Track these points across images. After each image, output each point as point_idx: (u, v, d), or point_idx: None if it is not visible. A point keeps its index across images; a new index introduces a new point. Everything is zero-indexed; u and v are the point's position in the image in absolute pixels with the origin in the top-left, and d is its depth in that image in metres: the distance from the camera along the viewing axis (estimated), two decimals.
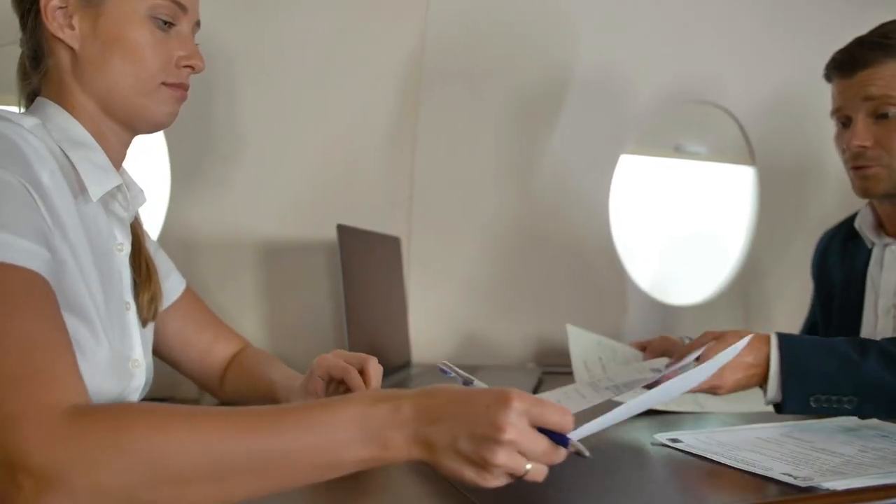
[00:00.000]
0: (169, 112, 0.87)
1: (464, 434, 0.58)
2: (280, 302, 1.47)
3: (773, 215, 1.94)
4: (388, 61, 1.53)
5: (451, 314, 1.67)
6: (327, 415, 0.58)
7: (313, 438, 0.57)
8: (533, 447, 0.58)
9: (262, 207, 1.45)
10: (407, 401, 0.59)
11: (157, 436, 0.54)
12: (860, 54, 1.14)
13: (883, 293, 1.19)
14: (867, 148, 1.14)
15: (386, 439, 0.58)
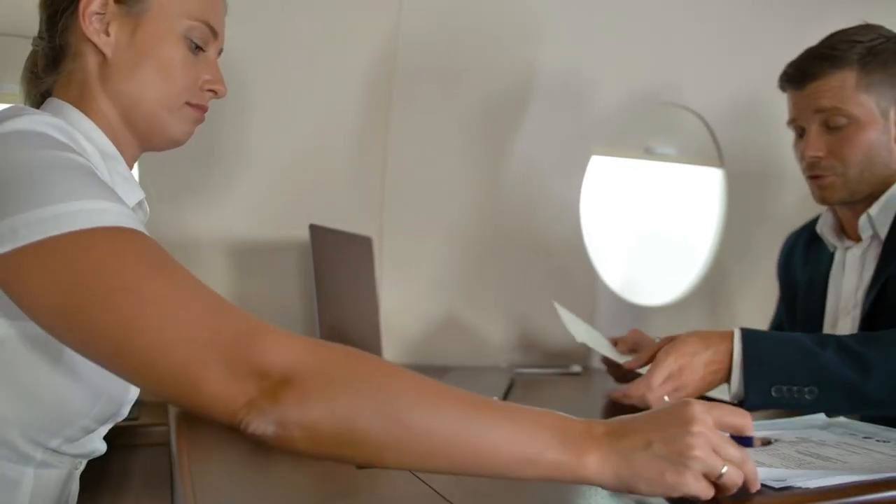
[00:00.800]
0: (187, 131, 0.88)
1: (657, 437, 0.60)
2: (250, 302, 1.45)
3: (740, 217, 1.97)
4: (360, 61, 1.52)
5: (422, 315, 1.66)
6: (532, 414, 0.61)
7: (520, 430, 0.59)
8: (722, 443, 0.60)
9: (233, 207, 1.44)
10: (599, 424, 0.62)
11: (390, 378, 0.58)
12: (809, 66, 1.17)
13: (844, 295, 1.22)
14: (821, 158, 1.17)
15: (583, 449, 0.59)
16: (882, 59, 1.14)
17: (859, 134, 1.14)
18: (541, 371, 1.57)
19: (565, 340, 1.79)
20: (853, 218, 1.21)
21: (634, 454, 0.59)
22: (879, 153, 1.15)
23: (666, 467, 0.59)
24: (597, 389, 1.47)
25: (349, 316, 1.34)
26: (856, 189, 1.17)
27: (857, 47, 1.13)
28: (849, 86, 1.13)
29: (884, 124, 1.15)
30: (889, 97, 1.15)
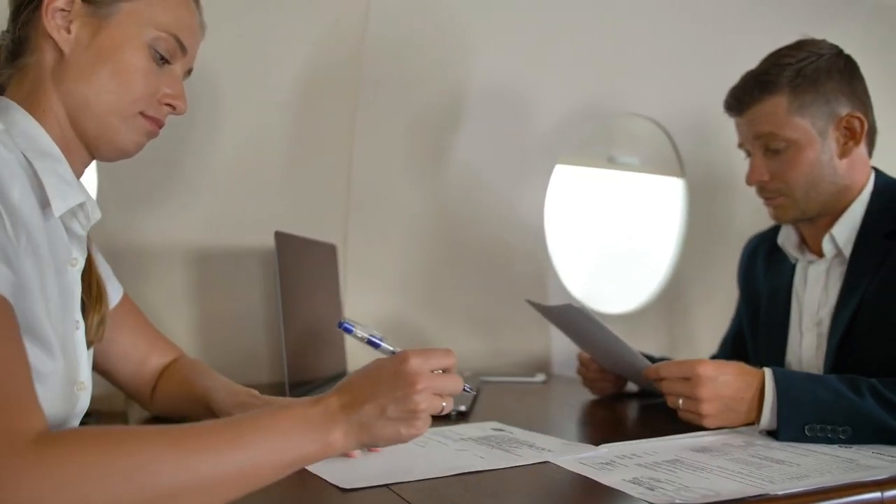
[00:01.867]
0: (137, 142, 0.85)
1: (388, 402, 0.68)
2: (212, 310, 1.43)
3: (700, 226, 2.00)
4: (325, 66, 1.51)
5: (386, 322, 1.65)
6: (277, 421, 0.64)
7: (272, 444, 0.62)
8: (441, 385, 0.71)
9: (193, 213, 1.41)
10: (333, 399, 0.68)
11: (142, 455, 0.55)
12: (742, 94, 1.20)
13: (807, 310, 1.23)
14: (766, 182, 1.20)
15: (327, 431, 0.66)
16: (812, 80, 1.14)
17: (799, 156, 1.16)
18: (505, 379, 1.58)
19: (528, 349, 1.80)
20: (815, 233, 1.22)
21: (371, 422, 0.68)
22: (823, 171, 1.16)
23: (401, 425, 0.69)
24: (560, 397, 1.47)
25: (314, 324, 1.32)
26: (806, 208, 1.19)
27: (787, 70, 1.15)
28: (781, 111, 1.15)
29: (823, 143, 1.16)
30: (824, 115, 1.15)
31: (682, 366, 1.01)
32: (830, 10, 1.92)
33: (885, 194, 1.17)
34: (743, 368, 0.99)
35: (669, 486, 0.71)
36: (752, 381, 0.97)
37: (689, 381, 0.98)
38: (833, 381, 0.95)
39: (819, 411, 0.92)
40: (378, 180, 1.61)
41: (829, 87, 1.15)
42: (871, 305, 1.10)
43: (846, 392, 0.92)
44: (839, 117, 1.16)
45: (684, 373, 0.99)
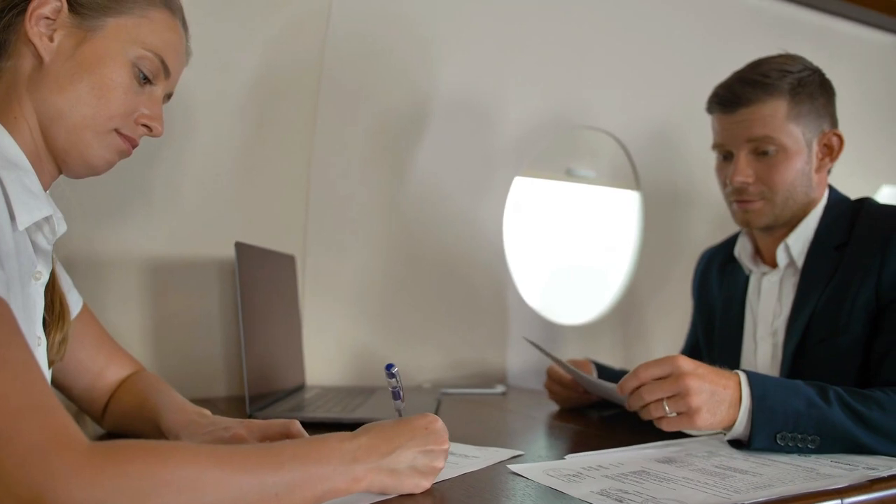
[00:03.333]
0: (108, 160, 0.83)
1: (420, 453, 0.72)
2: (169, 322, 1.39)
3: (655, 239, 2.03)
4: (284, 75, 1.49)
5: (345, 335, 1.63)
6: (314, 449, 0.66)
7: (308, 471, 0.64)
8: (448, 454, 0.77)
9: (149, 223, 1.38)
10: (364, 439, 0.70)
11: (190, 470, 0.56)
12: (741, 92, 1.18)
13: (761, 320, 1.26)
14: (749, 183, 1.19)
15: (356, 472, 0.67)
16: (809, 91, 1.17)
17: (787, 162, 1.17)
18: (466, 391, 1.57)
19: (486, 360, 1.80)
20: (771, 244, 1.25)
21: (401, 468, 0.71)
22: (802, 182, 1.19)
23: (422, 478, 0.72)
24: (521, 408, 1.47)
25: (273, 337, 1.30)
26: (779, 215, 1.21)
27: (789, 77, 1.16)
28: (780, 115, 1.16)
29: (808, 154, 1.19)
30: (813, 128, 1.19)
31: (659, 364, 0.94)
32: (778, 29, 1.99)
33: (836, 208, 1.21)
34: (715, 367, 0.95)
35: (638, 498, 0.71)
36: (729, 380, 0.93)
37: (671, 377, 0.92)
38: (804, 388, 0.94)
39: (791, 420, 0.91)
40: (337, 191, 1.60)
41: (820, 102, 1.19)
42: (824, 315, 1.13)
43: (817, 400, 0.93)
44: (823, 132, 1.20)
45: (663, 370, 0.93)
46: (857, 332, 1.10)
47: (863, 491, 0.76)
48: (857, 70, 2.12)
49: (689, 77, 1.94)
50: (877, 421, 0.92)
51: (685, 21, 1.91)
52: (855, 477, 0.79)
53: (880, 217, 1.15)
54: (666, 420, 0.94)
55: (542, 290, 1.96)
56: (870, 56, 2.19)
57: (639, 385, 0.96)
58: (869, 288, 1.10)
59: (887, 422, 0.93)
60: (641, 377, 0.95)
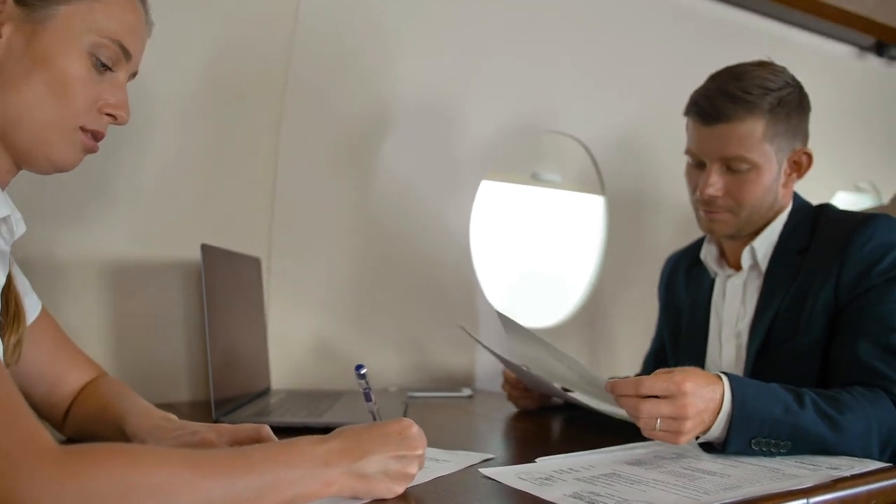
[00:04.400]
0: (74, 160, 0.80)
1: (392, 459, 0.70)
2: (131, 326, 1.36)
3: (620, 243, 2.06)
4: (250, 75, 1.48)
5: (310, 338, 1.62)
6: (284, 453, 0.65)
7: (278, 474, 0.63)
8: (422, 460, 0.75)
9: (110, 225, 1.35)
10: (335, 443, 0.68)
11: (161, 472, 0.55)
12: (722, 107, 1.15)
13: (726, 322, 1.28)
14: (718, 197, 1.19)
15: (327, 476, 0.66)
16: (787, 111, 1.17)
17: (758, 179, 1.18)
18: (432, 395, 1.57)
19: (453, 364, 1.80)
20: (736, 248, 1.27)
21: (372, 473, 0.69)
22: (768, 197, 1.20)
23: (394, 484, 0.71)
24: (488, 412, 1.48)
25: (239, 340, 1.28)
26: (743, 227, 1.22)
27: (770, 96, 1.15)
28: (756, 134, 1.15)
29: (777, 171, 1.20)
30: (786, 148, 1.19)
31: (663, 381, 0.89)
32: (739, 38, 2.03)
33: (799, 214, 1.24)
34: (707, 378, 0.92)
35: (610, 500, 0.72)
36: (716, 389, 0.91)
37: (673, 398, 0.88)
38: (781, 393, 0.95)
39: (767, 426, 0.92)
40: (304, 193, 1.58)
41: (795, 121, 1.19)
42: (786, 317, 1.16)
43: (793, 406, 0.94)
44: (794, 150, 1.21)
45: (670, 390, 0.89)
46: (817, 333, 1.13)
47: (827, 490, 0.78)
48: (814, 79, 2.15)
49: (654, 84, 1.97)
50: (846, 424, 0.94)
51: (650, 29, 1.94)
52: (819, 477, 0.81)
53: (839, 223, 1.18)
54: (650, 431, 0.91)
55: (508, 293, 1.96)
56: (825, 66, 2.25)
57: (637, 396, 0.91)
58: (828, 291, 1.13)
59: (855, 425, 0.95)
60: (641, 390, 0.90)
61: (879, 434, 0.97)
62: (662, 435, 0.90)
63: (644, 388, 0.89)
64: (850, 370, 1.07)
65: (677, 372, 0.90)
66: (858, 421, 0.96)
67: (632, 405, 0.91)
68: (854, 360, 1.07)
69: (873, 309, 1.09)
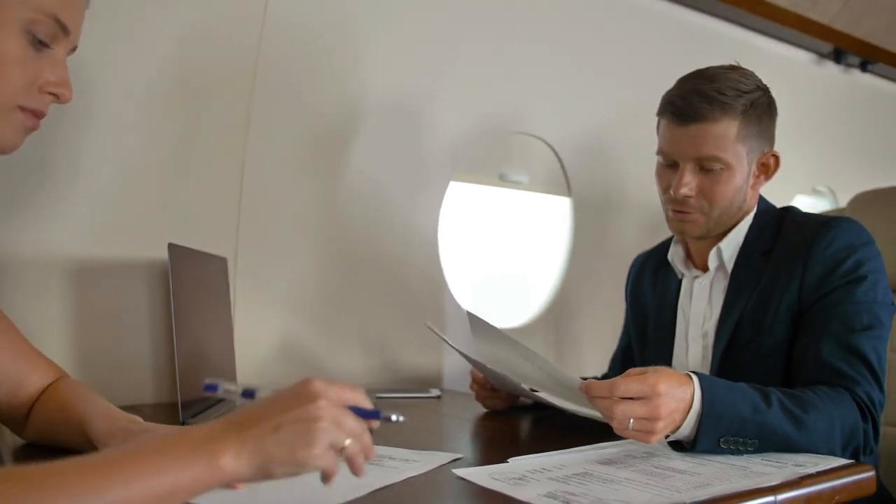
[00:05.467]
0: (15, 141, 0.77)
1: (286, 418, 0.60)
2: (93, 327, 1.33)
3: (587, 244, 2.07)
4: (218, 72, 1.45)
5: (278, 339, 1.60)
6: (154, 445, 0.58)
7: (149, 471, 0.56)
8: (345, 417, 0.62)
9: (73, 222, 1.31)
10: (221, 422, 0.61)
11: (34, 497, 0.51)
12: (698, 107, 1.17)
13: (692, 322, 1.30)
14: (691, 197, 1.20)
15: (214, 454, 0.58)
16: (758, 114, 1.20)
17: (730, 179, 1.19)
18: (400, 395, 1.56)
19: (420, 364, 1.80)
20: (703, 249, 1.29)
21: (265, 440, 0.59)
22: (738, 197, 1.22)
23: (296, 444, 0.60)
24: (457, 412, 1.48)
25: (205, 341, 1.26)
26: (713, 228, 1.24)
27: (744, 98, 1.17)
28: (731, 135, 1.17)
29: (747, 172, 1.22)
30: (756, 149, 1.22)
31: (637, 382, 0.90)
32: (701, 43, 2.06)
33: (764, 216, 1.27)
34: (679, 378, 0.93)
35: (585, 500, 0.72)
36: (687, 389, 0.93)
37: (647, 399, 0.89)
38: (749, 392, 0.97)
39: (735, 424, 0.94)
40: (271, 191, 1.56)
41: (766, 123, 1.22)
42: (751, 317, 1.18)
43: (760, 405, 0.95)
44: (763, 152, 1.24)
45: (644, 392, 0.89)
46: (781, 334, 1.15)
47: (793, 487, 0.80)
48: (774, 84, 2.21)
49: (621, 87, 1.99)
50: (810, 423, 0.97)
51: (617, 33, 1.96)
52: (786, 474, 0.83)
53: (803, 225, 1.21)
54: (623, 431, 0.91)
55: (475, 293, 1.97)
56: (786, 71, 2.30)
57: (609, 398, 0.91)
58: (793, 293, 1.15)
59: (818, 425, 0.97)
60: (616, 392, 0.90)
61: (842, 432, 1.00)
62: (635, 434, 0.91)
63: (619, 390, 0.90)
64: (813, 370, 1.10)
65: (650, 373, 0.91)
66: (822, 420, 0.98)
67: (606, 406, 0.91)
68: (818, 360, 1.09)
69: (836, 310, 1.12)
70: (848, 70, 2.44)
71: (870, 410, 1.05)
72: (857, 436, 1.02)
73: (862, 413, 1.04)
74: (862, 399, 1.05)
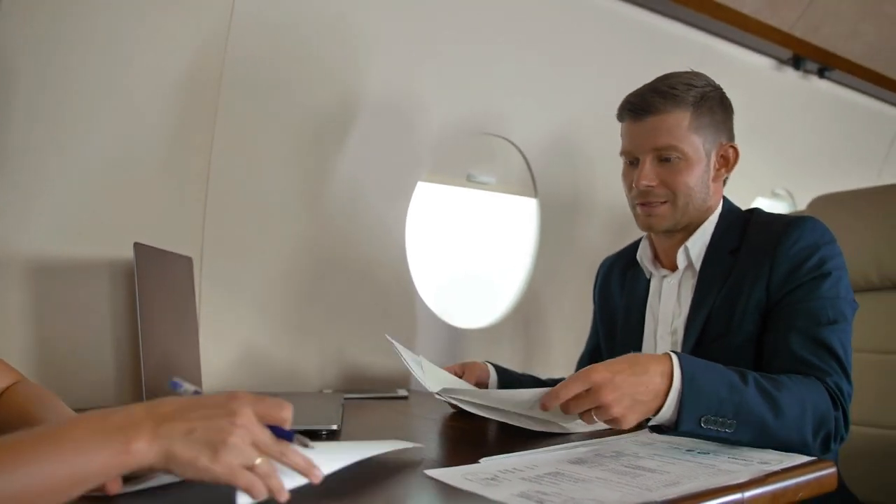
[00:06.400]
0: None
1: (199, 424, 0.62)
2: (53, 329, 1.30)
3: (555, 246, 2.09)
4: (185, 69, 1.43)
5: (244, 339, 1.58)
6: (62, 437, 0.58)
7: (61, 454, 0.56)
8: (261, 436, 0.64)
9: (36, 221, 1.28)
10: (139, 407, 0.62)
11: None
12: (651, 100, 1.26)
13: (661, 321, 1.32)
14: (654, 187, 1.27)
15: (128, 439, 0.59)
16: (710, 106, 1.27)
17: (688, 168, 1.26)
18: (368, 396, 1.56)
19: (389, 366, 1.79)
20: (670, 249, 1.33)
21: (175, 439, 0.61)
22: (701, 188, 1.28)
23: (201, 453, 0.61)
24: (425, 412, 1.47)
25: (171, 342, 1.24)
26: (679, 219, 1.28)
27: (693, 91, 1.25)
28: (683, 125, 1.25)
29: (706, 163, 1.28)
30: (712, 140, 1.28)
31: (575, 382, 0.95)
32: (669, 47, 2.09)
33: (730, 216, 1.31)
34: (634, 359, 0.96)
35: (557, 499, 0.73)
36: (650, 367, 0.95)
37: (589, 392, 0.93)
38: (726, 372, 1.00)
39: (714, 404, 0.96)
40: (238, 190, 1.55)
41: (719, 116, 1.29)
42: (720, 314, 1.22)
43: (737, 384, 0.98)
44: (721, 144, 1.30)
45: (582, 386, 0.94)
46: (750, 330, 1.19)
47: (760, 484, 0.81)
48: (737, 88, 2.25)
49: (588, 90, 2.01)
50: (784, 404, 1.00)
51: (584, 36, 1.98)
52: (752, 472, 0.84)
53: (769, 225, 1.25)
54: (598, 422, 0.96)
55: (443, 294, 1.97)
56: (746, 76, 2.34)
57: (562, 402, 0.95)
58: (761, 289, 1.19)
59: (792, 406, 1.01)
60: (561, 397, 0.95)
61: (813, 416, 1.03)
62: (609, 423, 0.96)
63: (562, 393, 0.95)
64: (785, 362, 1.13)
65: (585, 369, 0.95)
66: (795, 402, 1.01)
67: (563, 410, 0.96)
68: (788, 353, 1.13)
69: (802, 305, 1.16)
70: (806, 76, 2.50)
71: (840, 400, 1.09)
72: (828, 422, 1.05)
73: (833, 402, 1.08)
74: (832, 389, 1.09)
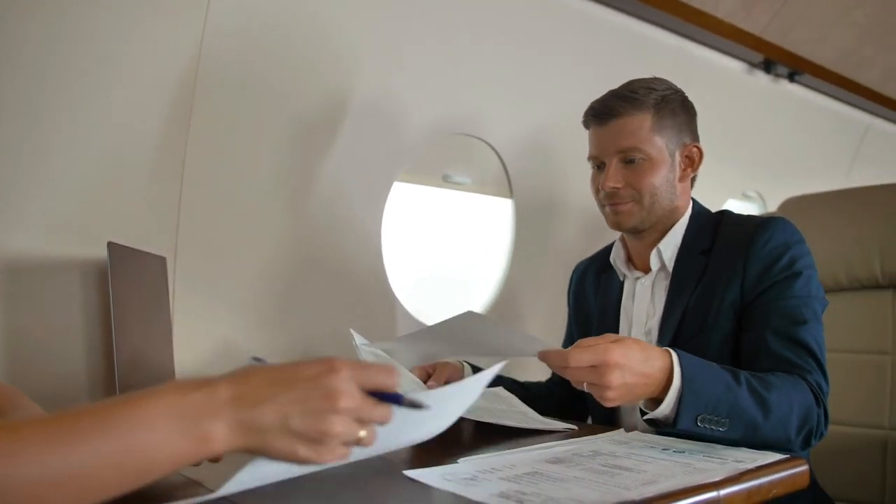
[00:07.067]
0: None
1: (295, 412, 0.54)
2: (22, 330, 1.27)
3: (530, 247, 2.10)
4: (159, 69, 1.41)
5: (219, 338, 1.57)
6: (131, 411, 0.51)
7: (116, 442, 0.50)
8: (368, 412, 0.57)
9: (5, 219, 1.26)
10: (223, 386, 0.54)
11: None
12: (613, 105, 1.30)
13: (636, 322, 1.34)
14: (619, 188, 1.30)
15: (205, 431, 0.52)
16: (671, 108, 1.31)
17: (652, 169, 1.29)
18: None
19: None
20: (643, 251, 1.36)
21: (267, 428, 0.54)
22: (666, 189, 1.31)
23: (300, 445, 0.54)
24: None
25: (145, 344, 1.23)
26: (646, 218, 1.31)
27: (654, 94, 1.29)
28: (645, 127, 1.28)
29: (671, 164, 1.31)
30: (675, 141, 1.32)
31: (589, 353, 0.93)
32: (640, 52, 2.11)
33: (700, 218, 1.34)
34: (646, 352, 0.97)
35: (537, 499, 0.73)
36: (655, 364, 0.96)
37: (598, 368, 0.93)
38: (721, 371, 1.02)
39: (712, 403, 0.98)
40: (212, 190, 1.53)
41: (681, 118, 1.32)
42: (694, 313, 1.24)
43: (732, 384, 1.00)
44: (685, 145, 1.33)
45: (594, 361, 0.93)
46: (725, 328, 1.21)
47: (735, 482, 0.83)
48: (709, 91, 2.29)
49: (563, 92, 2.02)
50: (773, 404, 1.02)
51: (559, 38, 1.99)
52: (727, 470, 0.86)
53: (740, 225, 1.28)
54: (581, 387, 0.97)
55: (420, 294, 1.97)
56: (720, 79, 2.37)
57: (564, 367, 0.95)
58: (735, 288, 1.21)
59: (779, 406, 1.03)
60: (571, 364, 0.94)
61: (799, 415, 1.06)
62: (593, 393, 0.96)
63: (572, 361, 0.94)
64: (765, 360, 1.16)
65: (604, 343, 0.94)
66: (783, 402, 1.04)
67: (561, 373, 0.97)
68: (767, 351, 1.16)
69: (776, 304, 1.18)
70: (777, 80, 2.53)
71: (821, 397, 1.12)
72: (811, 419, 1.08)
73: (815, 399, 1.10)
74: (814, 386, 1.11)
